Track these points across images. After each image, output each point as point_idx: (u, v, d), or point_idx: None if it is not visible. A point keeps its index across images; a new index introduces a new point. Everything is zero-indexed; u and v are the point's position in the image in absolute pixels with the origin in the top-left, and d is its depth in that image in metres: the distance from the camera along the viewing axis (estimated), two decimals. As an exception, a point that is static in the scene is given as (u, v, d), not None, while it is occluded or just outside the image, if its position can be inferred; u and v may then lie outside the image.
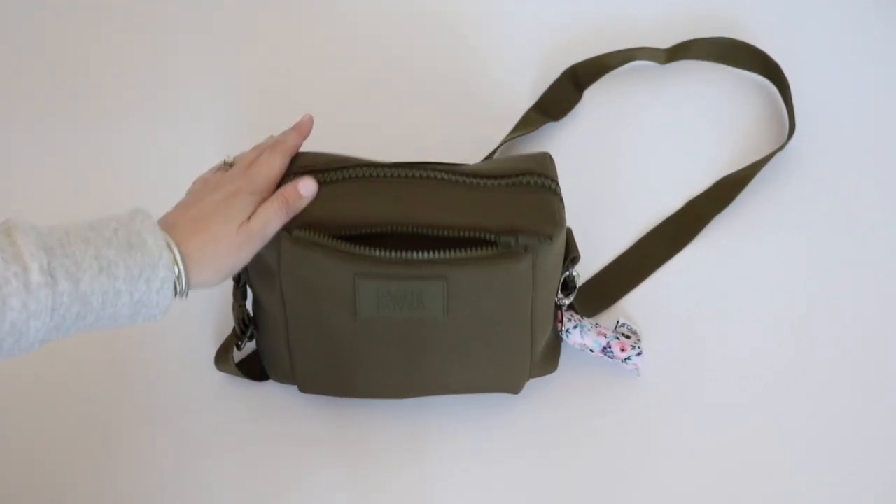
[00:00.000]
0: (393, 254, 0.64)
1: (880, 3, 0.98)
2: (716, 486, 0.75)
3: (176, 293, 0.61)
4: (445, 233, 0.65)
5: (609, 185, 0.88)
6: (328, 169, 0.68)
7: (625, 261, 0.84)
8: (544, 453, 0.75)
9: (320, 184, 0.67)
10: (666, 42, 0.95)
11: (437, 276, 0.65)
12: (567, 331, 0.76)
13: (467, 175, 0.68)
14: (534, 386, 0.77)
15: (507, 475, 0.75)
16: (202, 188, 0.67)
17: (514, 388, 0.74)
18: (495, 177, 0.68)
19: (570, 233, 0.71)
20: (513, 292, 0.67)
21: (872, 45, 0.96)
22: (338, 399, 0.77)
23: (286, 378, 0.75)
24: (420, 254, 0.64)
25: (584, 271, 0.82)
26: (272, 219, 0.65)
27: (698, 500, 0.74)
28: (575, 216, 0.85)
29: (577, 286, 0.73)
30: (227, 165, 0.70)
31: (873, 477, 0.75)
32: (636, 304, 0.82)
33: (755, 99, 0.93)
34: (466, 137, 0.89)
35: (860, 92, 0.93)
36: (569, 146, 0.90)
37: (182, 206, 0.65)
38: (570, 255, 0.70)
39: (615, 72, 0.94)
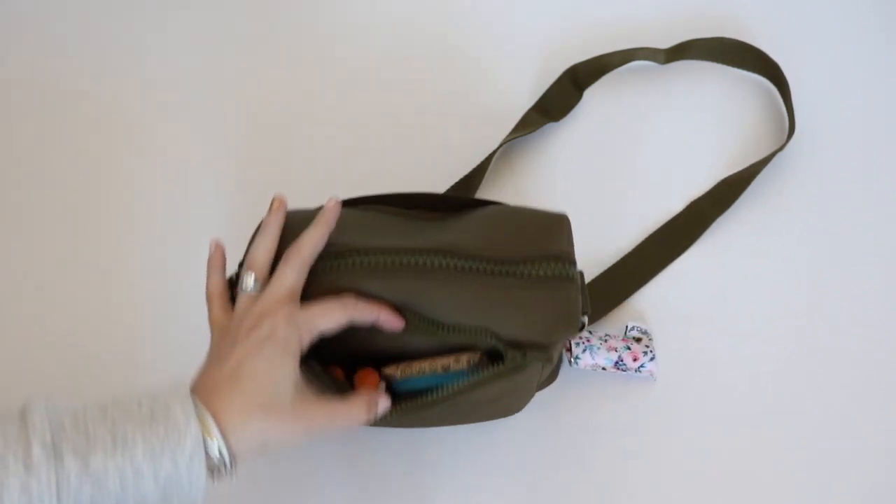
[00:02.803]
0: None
1: (880, 3, 0.98)
2: (726, 487, 0.75)
3: (214, 472, 0.53)
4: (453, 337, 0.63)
5: (609, 186, 0.88)
6: (326, 256, 0.64)
7: (627, 263, 0.83)
8: (549, 464, 0.75)
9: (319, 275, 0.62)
10: (666, 42, 0.95)
11: (449, 399, 0.64)
12: (577, 357, 0.75)
13: (476, 259, 0.64)
14: (534, 398, 0.77)
15: (510, 486, 0.75)
16: (237, 327, 0.58)
17: (516, 412, 0.74)
18: (507, 262, 0.63)
19: (582, 280, 0.67)
20: (523, 384, 0.66)
21: (872, 45, 0.96)
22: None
23: None
24: (431, 395, 0.64)
25: (586, 274, 0.82)
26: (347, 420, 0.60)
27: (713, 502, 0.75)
28: (575, 218, 0.85)
29: (585, 325, 0.72)
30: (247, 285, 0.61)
31: (887, 470, 0.75)
32: (638, 307, 0.82)
33: (755, 99, 0.93)
34: (466, 138, 0.89)
35: (860, 91, 0.93)
36: (569, 146, 0.90)
37: (216, 360, 0.57)
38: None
39: (615, 72, 0.94)
